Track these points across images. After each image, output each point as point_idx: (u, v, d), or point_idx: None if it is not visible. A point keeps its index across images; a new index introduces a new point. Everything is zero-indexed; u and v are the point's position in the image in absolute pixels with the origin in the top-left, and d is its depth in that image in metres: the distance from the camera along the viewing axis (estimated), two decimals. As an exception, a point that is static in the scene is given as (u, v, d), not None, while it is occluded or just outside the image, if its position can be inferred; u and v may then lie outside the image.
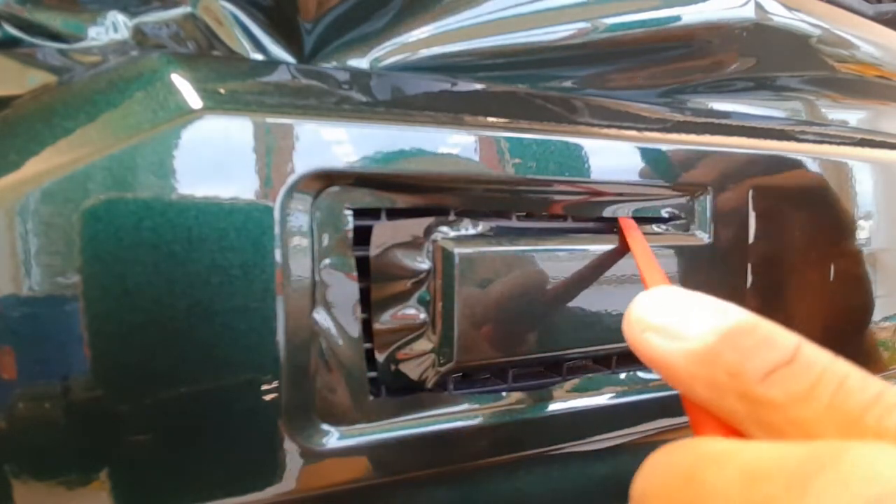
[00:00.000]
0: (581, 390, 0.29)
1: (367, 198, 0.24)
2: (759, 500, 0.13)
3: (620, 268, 0.28)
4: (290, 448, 0.22)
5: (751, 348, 0.16)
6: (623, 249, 0.28)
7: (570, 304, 0.27)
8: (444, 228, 0.25)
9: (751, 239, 0.32)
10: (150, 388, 0.20)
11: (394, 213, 0.25)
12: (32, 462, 0.19)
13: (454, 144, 0.24)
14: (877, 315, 0.39)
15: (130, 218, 0.19)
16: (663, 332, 0.18)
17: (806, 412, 0.15)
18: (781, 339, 0.16)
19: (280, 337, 0.22)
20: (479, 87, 0.28)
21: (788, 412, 0.15)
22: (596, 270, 0.28)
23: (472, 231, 0.26)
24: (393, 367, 0.26)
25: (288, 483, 0.23)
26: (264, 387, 0.22)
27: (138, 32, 0.23)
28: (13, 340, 0.19)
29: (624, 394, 0.30)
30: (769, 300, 0.34)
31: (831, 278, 0.36)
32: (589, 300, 0.28)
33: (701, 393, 0.17)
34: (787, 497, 0.13)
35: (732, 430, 0.17)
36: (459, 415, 0.26)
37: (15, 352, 0.19)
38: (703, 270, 0.31)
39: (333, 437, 0.24)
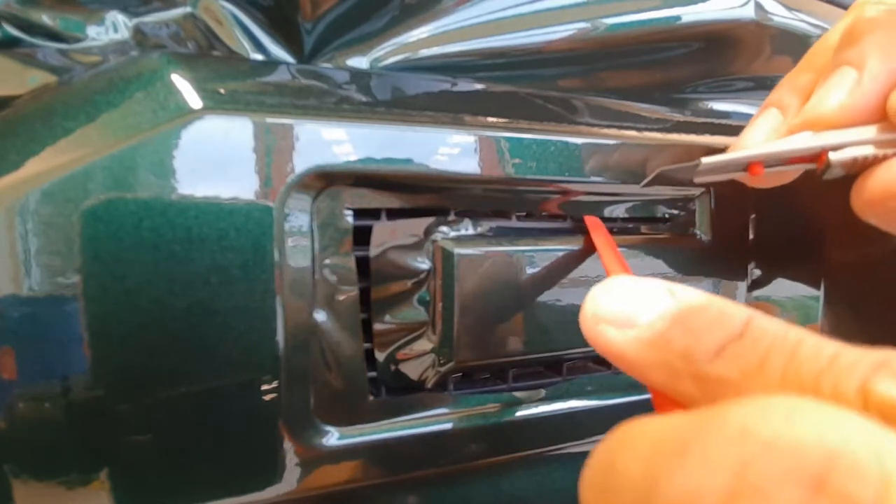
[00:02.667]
0: (581, 390, 0.29)
1: (367, 198, 0.24)
2: (655, 474, 0.12)
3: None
4: (290, 448, 0.22)
5: (700, 328, 0.16)
6: (589, 249, 0.28)
7: (570, 304, 0.27)
8: (444, 228, 0.25)
9: (751, 238, 0.32)
10: (149, 388, 0.20)
11: (394, 213, 0.25)
12: (32, 462, 0.19)
13: (454, 144, 0.24)
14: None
15: (130, 218, 0.19)
16: (615, 322, 0.17)
17: (759, 387, 0.14)
18: (731, 314, 0.16)
19: (280, 337, 0.22)
20: (479, 87, 0.28)
21: (741, 389, 0.15)
22: (595, 270, 0.28)
23: (472, 231, 0.26)
24: (393, 367, 0.26)
25: (288, 483, 0.23)
26: (264, 387, 0.22)
27: (138, 32, 0.23)
28: (13, 340, 0.19)
29: (624, 394, 0.30)
30: (770, 301, 0.34)
31: (841, 277, 0.36)
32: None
33: (657, 379, 0.17)
34: (667, 468, 0.12)
35: None
36: (459, 415, 0.26)
37: (15, 352, 0.19)
38: (703, 271, 0.31)
39: (333, 437, 0.24)
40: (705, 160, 0.23)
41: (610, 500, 0.13)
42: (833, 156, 0.22)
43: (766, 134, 0.25)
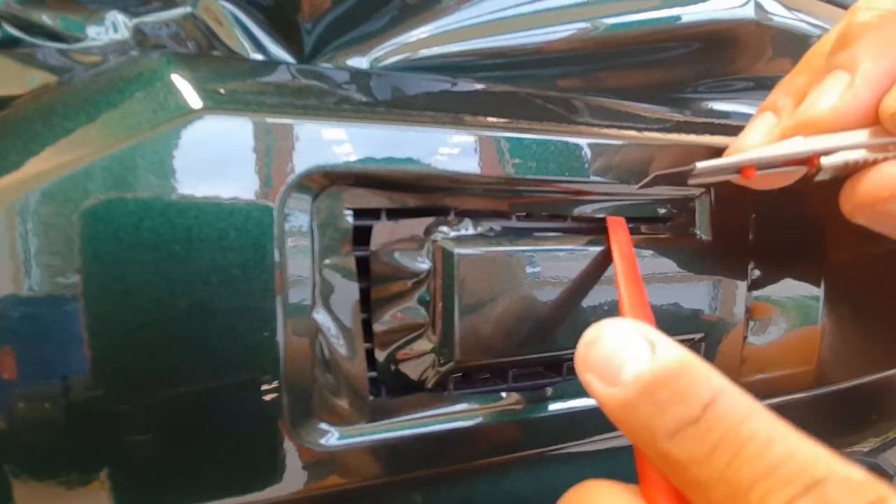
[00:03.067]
0: (581, 390, 0.29)
1: (367, 198, 0.24)
2: None
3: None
4: (290, 448, 0.22)
5: (664, 402, 0.16)
6: (609, 250, 0.28)
7: (570, 304, 0.27)
8: (444, 228, 0.25)
9: (751, 238, 0.32)
10: (150, 389, 0.20)
11: (394, 213, 0.25)
12: (32, 462, 0.19)
13: (454, 144, 0.24)
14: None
15: (130, 218, 0.19)
16: (599, 374, 0.18)
17: (703, 476, 0.15)
18: (698, 389, 0.16)
19: (280, 337, 0.22)
20: (479, 87, 0.28)
21: (689, 473, 0.15)
22: (595, 270, 0.28)
23: (472, 231, 0.26)
24: (393, 367, 0.26)
25: (288, 483, 0.23)
26: (264, 387, 0.22)
27: (138, 32, 0.23)
28: (13, 340, 0.19)
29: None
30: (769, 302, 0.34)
31: (844, 278, 0.36)
32: (589, 300, 0.28)
33: (630, 438, 0.17)
34: None
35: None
36: (459, 415, 0.26)
37: (15, 352, 0.19)
38: (703, 270, 0.31)
39: (333, 437, 0.24)
40: (700, 165, 0.23)
41: None
42: (824, 160, 0.23)
43: (761, 137, 0.25)
